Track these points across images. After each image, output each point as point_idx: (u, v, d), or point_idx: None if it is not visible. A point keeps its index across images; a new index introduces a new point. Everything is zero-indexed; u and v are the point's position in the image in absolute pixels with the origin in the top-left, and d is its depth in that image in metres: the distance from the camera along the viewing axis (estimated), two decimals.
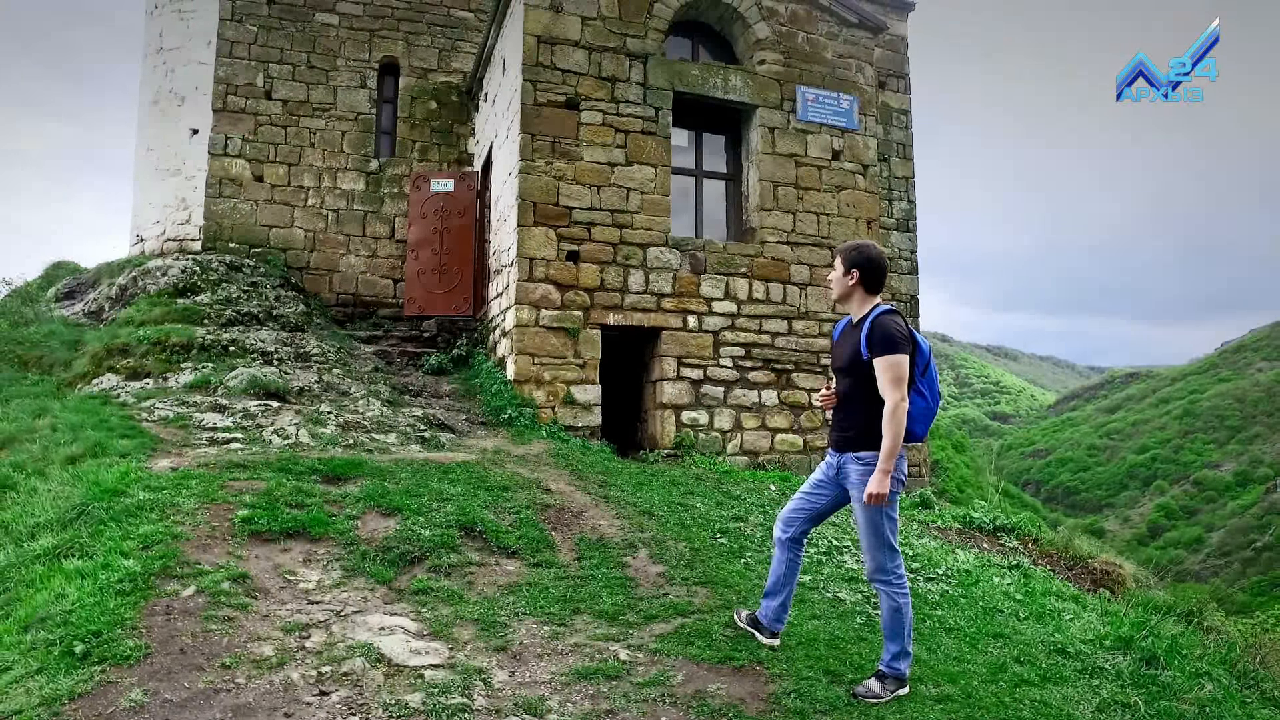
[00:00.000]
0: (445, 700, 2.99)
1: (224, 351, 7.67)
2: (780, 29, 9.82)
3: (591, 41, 8.99)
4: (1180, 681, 3.75)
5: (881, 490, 3.12)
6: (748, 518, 6.01)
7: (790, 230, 9.62)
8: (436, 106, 12.19)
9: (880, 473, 3.12)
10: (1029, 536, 6.86)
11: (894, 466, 3.17)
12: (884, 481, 3.12)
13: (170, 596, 3.60)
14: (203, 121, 11.24)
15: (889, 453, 3.11)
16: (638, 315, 8.87)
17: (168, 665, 3.08)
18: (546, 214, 8.65)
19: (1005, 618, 4.45)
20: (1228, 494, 66.93)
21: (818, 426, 9.41)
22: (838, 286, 3.43)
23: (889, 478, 3.13)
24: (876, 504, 3.17)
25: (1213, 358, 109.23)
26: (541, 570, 4.51)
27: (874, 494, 3.13)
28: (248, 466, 5.28)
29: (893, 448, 3.11)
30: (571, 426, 8.41)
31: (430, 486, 5.32)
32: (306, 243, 11.43)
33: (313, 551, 4.36)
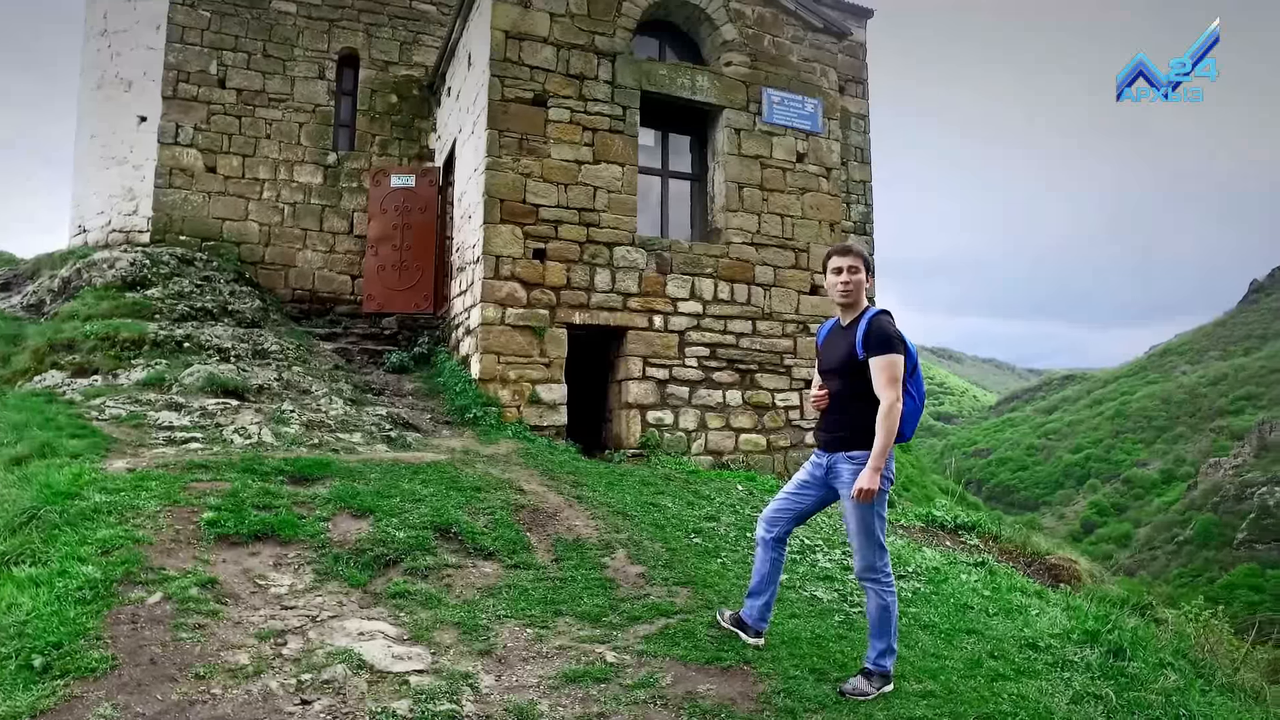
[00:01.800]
0: (433, 707, 2.93)
1: (178, 348, 7.38)
2: (747, 31, 9.90)
3: (560, 38, 8.92)
4: (1145, 672, 3.89)
5: (871, 487, 3.17)
6: (720, 517, 6.04)
7: (755, 231, 9.70)
8: (397, 100, 11.96)
9: (871, 470, 3.17)
10: (989, 534, 7.05)
11: None
12: (874, 479, 3.16)
13: (135, 604, 3.46)
14: (152, 109, 10.82)
15: (881, 450, 3.15)
16: (604, 314, 8.84)
17: (137, 677, 2.95)
18: (513, 211, 8.56)
19: (976, 614, 4.56)
20: (1154, 491, 69.93)
21: (781, 427, 9.51)
22: (858, 289, 3.41)
23: (879, 475, 3.17)
24: (865, 500, 3.21)
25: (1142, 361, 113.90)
26: (520, 572, 4.46)
27: (864, 489, 3.17)
28: (210, 467, 5.10)
29: (885, 445, 3.15)
30: (537, 426, 8.34)
31: (402, 487, 5.22)
32: (261, 236, 11.09)
33: (283, 555, 4.23)
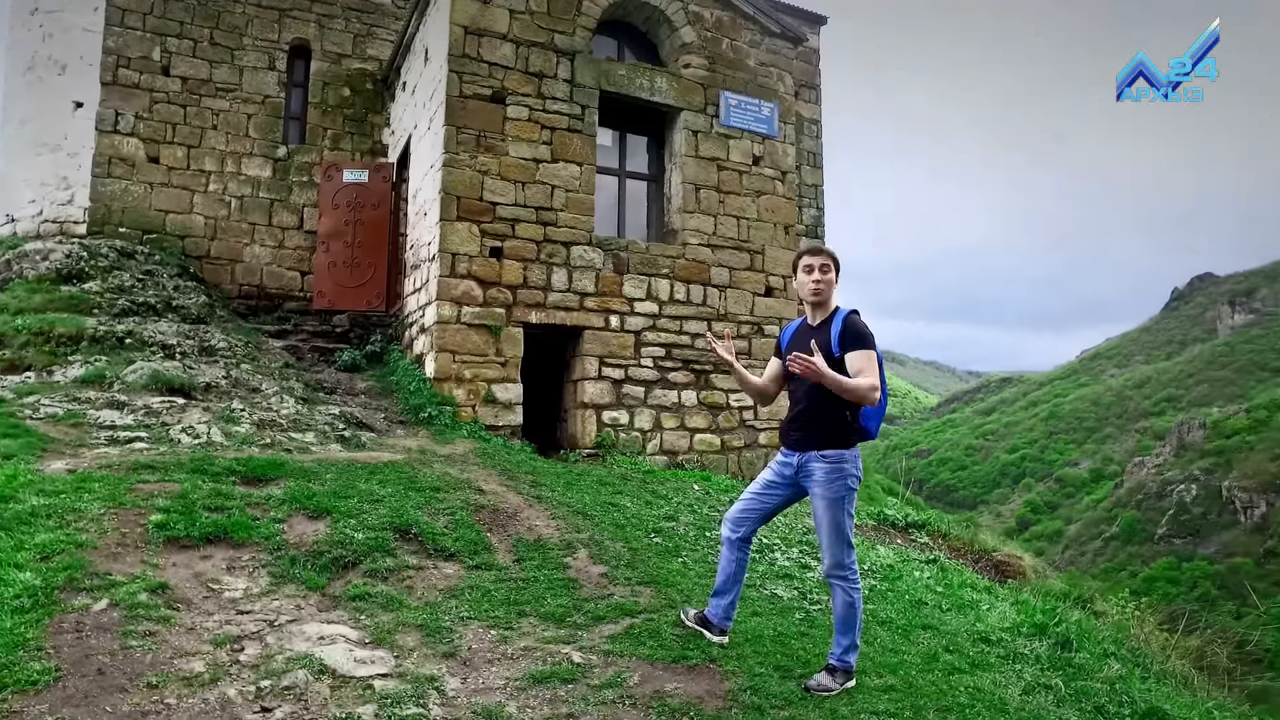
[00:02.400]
0: (400, 711, 2.89)
1: (119, 344, 7.09)
2: (706, 34, 9.98)
3: (519, 35, 8.86)
4: (1090, 663, 4.06)
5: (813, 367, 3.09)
6: (678, 517, 6.08)
7: (711, 233, 9.78)
8: (350, 94, 11.70)
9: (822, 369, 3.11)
10: (938, 532, 7.25)
11: (852, 467, 3.31)
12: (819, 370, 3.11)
13: (80, 611, 3.31)
14: (89, 94, 10.37)
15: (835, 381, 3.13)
16: (560, 314, 8.81)
17: (84, 689, 2.81)
18: (470, 209, 8.47)
19: (930, 609, 4.68)
20: (1084, 489, 72.84)
21: (735, 427, 9.61)
22: (829, 289, 3.47)
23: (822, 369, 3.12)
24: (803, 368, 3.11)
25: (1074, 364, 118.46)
26: (482, 573, 4.42)
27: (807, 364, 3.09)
28: (157, 468, 4.92)
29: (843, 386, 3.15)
30: (492, 425, 8.27)
31: (359, 487, 5.12)
32: (207, 230, 10.73)
33: (237, 558, 4.11)
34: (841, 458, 3.32)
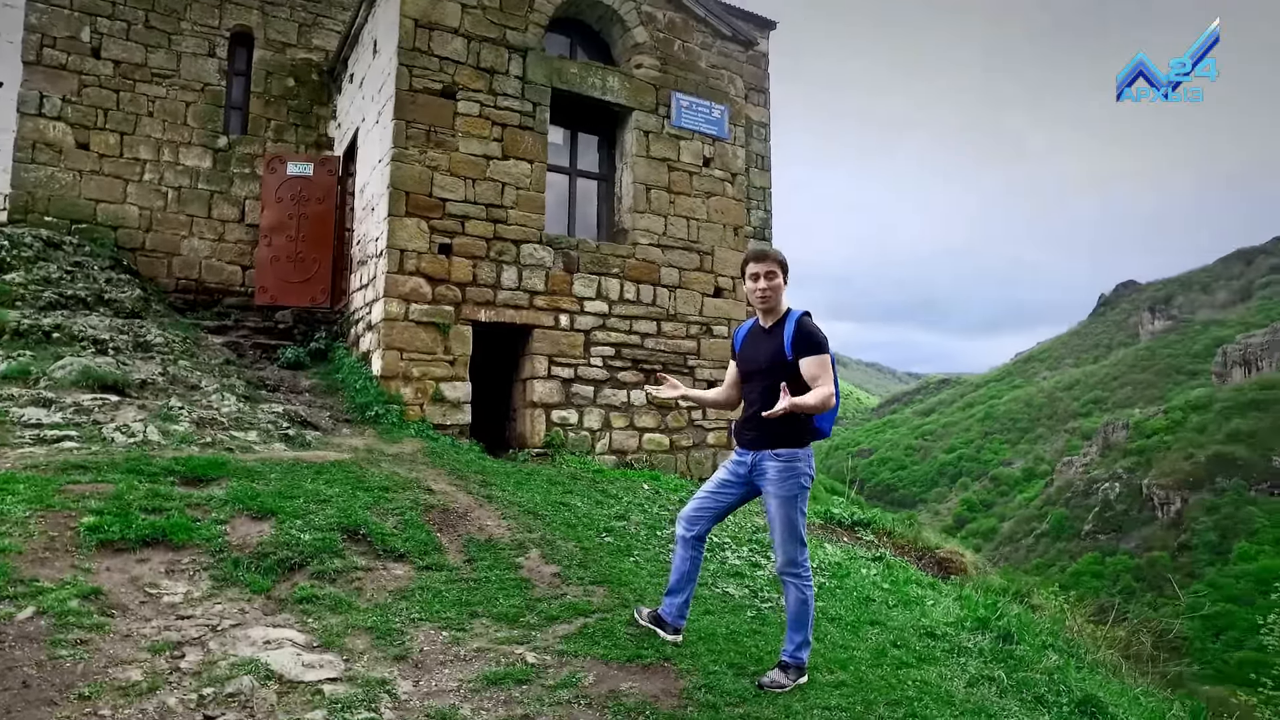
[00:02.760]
0: (351, 716, 2.82)
1: (45, 338, 6.75)
2: (658, 35, 10.01)
3: (471, 30, 8.75)
4: (1030, 655, 4.21)
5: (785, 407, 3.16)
6: (629, 516, 6.09)
7: (662, 233, 9.82)
8: (295, 84, 11.38)
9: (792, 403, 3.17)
10: (883, 530, 7.41)
11: (805, 465, 3.36)
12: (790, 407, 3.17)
13: (2, 620, 3.15)
14: (10, 74, 9.83)
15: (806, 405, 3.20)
16: (510, 312, 8.73)
17: (7, 703, 2.65)
18: (419, 205, 8.33)
19: (878, 605, 4.79)
20: (1017, 488, 75.53)
21: (684, 426, 9.66)
22: (776, 294, 3.49)
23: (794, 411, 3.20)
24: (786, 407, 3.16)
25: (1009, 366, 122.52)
26: (432, 573, 4.35)
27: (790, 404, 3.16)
28: (89, 468, 4.70)
29: (811, 405, 3.21)
30: (440, 425, 8.15)
31: (304, 487, 4.99)
32: (142, 221, 10.29)
33: (176, 561, 3.96)
34: (795, 456, 3.37)
